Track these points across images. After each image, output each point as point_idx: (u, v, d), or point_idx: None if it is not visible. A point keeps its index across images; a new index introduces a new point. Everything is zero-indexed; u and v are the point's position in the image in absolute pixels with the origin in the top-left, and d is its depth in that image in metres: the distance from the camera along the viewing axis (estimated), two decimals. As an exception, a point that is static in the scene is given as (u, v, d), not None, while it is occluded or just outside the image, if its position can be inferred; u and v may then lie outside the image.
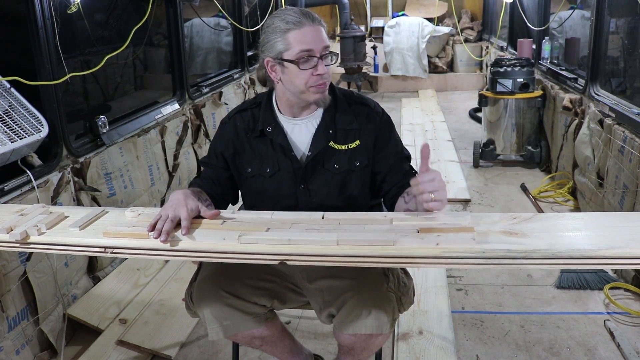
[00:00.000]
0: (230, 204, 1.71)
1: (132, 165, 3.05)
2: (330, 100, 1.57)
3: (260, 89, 5.55)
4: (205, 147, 4.05)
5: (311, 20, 1.48)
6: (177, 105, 3.74)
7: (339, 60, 1.76)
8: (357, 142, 1.59)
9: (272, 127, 1.59)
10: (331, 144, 1.58)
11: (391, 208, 1.58)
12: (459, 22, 8.42)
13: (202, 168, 1.71)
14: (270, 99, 1.64)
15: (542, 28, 4.81)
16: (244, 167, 1.63)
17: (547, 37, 4.77)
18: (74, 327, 2.41)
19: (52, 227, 1.43)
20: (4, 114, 2.09)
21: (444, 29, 8.43)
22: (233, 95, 4.84)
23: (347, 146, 1.58)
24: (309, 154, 1.58)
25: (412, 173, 1.59)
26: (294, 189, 1.59)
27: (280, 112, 1.62)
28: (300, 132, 1.60)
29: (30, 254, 2.16)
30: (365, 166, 1.59)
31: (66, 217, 1.49)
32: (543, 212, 3.49)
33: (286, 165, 1.59)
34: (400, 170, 1.59)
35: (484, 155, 4.57)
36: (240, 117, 1.65)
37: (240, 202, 1.74)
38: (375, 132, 1.60)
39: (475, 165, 4.61)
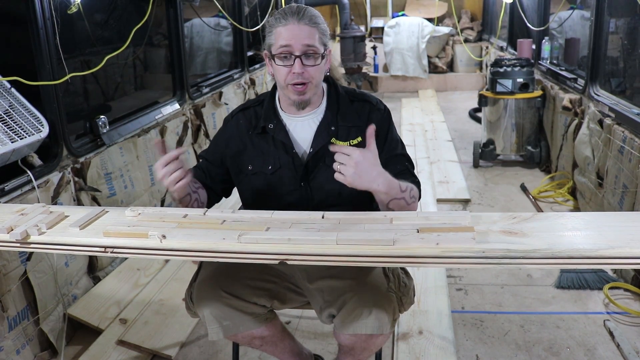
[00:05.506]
0: (219, 197, 1.73)
1: (132, 165, 3.06)
2: (312, 99, 1.57)
3: (260, 90, 5.55)
4: (205, 147, 4.05)
5: (298, 18, 1.50)
6: (177, 106, 3.74)
7: (329, 62, 1.77)
8: (359, 138, 1.59)
9: (273, 124, 1.60)
10: (333, 140, 1.58)
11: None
12: (458, 22, 8.41)
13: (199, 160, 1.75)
14: (273, 96, 1.66)
15: (542, 28, 4.81)
16: (244, 164, 1.63)
17: (546, 37, 4.77)
18: (74, 327, 2.41)
19: (52, 226, 1.43)
20: (4, 114, 2.09)
21: (444, 29, 8.43)
22: (233, 96, 4.84)
23: (349, 142, 1.59)
24: (311, 150, 1.58)
25: (401, 172, 1.56)
26: (294, 186, 1.59)
27: (282, 110, 1.63)
28: (303, 129, 1.61)
29: (31, 253, 2.16)
30: None
31: (66, 216, 1.49)
32: (543, 212, 3.49)
33: (287, 162, 1.59)
34: (390, 169, 1.56)
35: (484, 155, 4.57)
36: (242, 115, 1.67)
37: (240, 201, 1.74)
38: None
39: (475, 165, 4.61)
